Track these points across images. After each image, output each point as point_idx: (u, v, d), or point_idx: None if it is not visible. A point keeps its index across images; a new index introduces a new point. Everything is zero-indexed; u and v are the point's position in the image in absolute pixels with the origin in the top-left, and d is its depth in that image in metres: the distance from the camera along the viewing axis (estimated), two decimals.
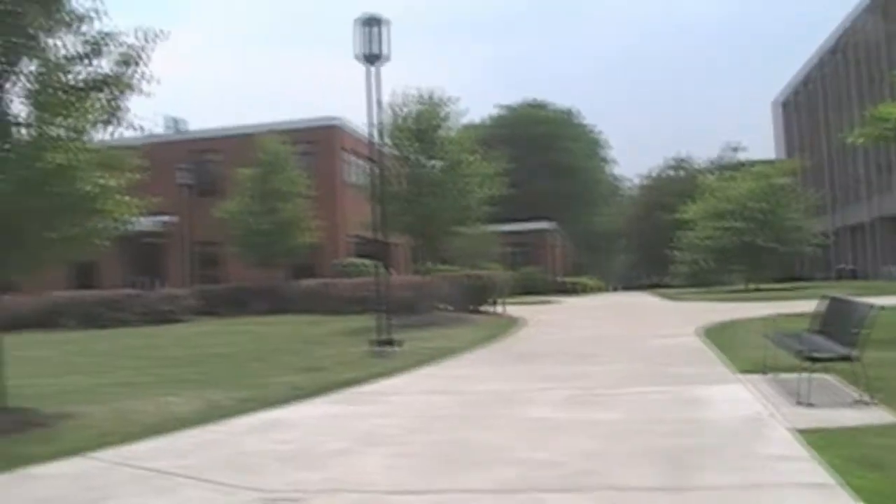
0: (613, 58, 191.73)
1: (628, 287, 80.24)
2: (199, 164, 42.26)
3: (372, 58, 17.87)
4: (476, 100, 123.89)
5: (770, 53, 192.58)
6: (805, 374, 10.12)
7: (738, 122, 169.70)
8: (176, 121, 45.46)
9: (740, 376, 12.26)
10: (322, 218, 35.94)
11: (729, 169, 64.50)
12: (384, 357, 16.70)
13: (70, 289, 36.68)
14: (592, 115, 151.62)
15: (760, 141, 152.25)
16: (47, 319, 31.16)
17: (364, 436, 9.31)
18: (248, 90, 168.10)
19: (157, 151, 41.40)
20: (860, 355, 9.95)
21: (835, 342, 10.74)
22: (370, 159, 21.67)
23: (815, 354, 10.23)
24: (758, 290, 43.99)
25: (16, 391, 13.18)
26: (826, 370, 11.18)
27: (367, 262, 34.16)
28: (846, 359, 10.15)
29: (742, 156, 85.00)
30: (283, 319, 29.51)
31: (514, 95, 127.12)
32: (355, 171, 41.87)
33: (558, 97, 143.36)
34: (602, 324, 25.91)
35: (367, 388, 13.03)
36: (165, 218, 41.20)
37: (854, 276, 64.94)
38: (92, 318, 30.64)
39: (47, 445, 9.13)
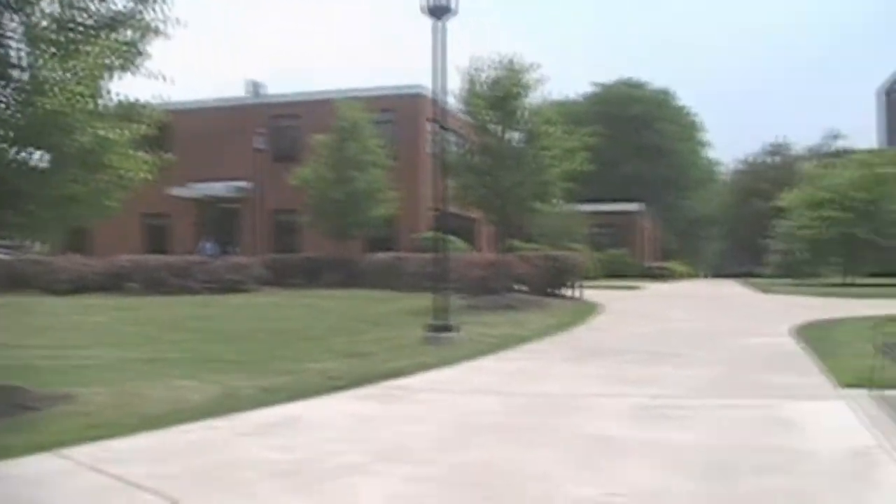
0: (715, 40, 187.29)
1: (718, 275, 77.72)
2: (276, 130, 41.15)
3: (438, 10, 16.07)
4: (568, 75, 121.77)
5: (875, 42, 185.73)
6: None
7: (839, 111, 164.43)
8: (256, 84, 44.43)
9: (842, 391, 10.45)
10: (402, 189, 34.55)
11: (829, 157, 61.75)
12: (438, 344, 15.10)
13: (143, 252, 36.14)
14: (690, 97, 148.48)
15: (863, 130, 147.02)
16: (112, 283, 30.61)
17: (386, 447, 7.79)
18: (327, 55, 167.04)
19: (234, 116, 40.77)
20: None
21: None
22: (441, 126, 19.88)
23: None
24: (855, 284, 41.50)
25: (34, 363, 12.10)
26: None
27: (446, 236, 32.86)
28: None
29: (842, 144, 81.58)
30: (351, 294, 28.21)
31: (609, 74, 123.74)
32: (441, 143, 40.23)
33: (657, 75, 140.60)
34: (685, 315, 23.92)
35: (408, 382, 11.50)
36: (241, 184, 40.32)
37: None
38: (156, 284, 29.78)
39: (26, 435, 7.94)
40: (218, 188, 40.65)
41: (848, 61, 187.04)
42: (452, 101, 24.57)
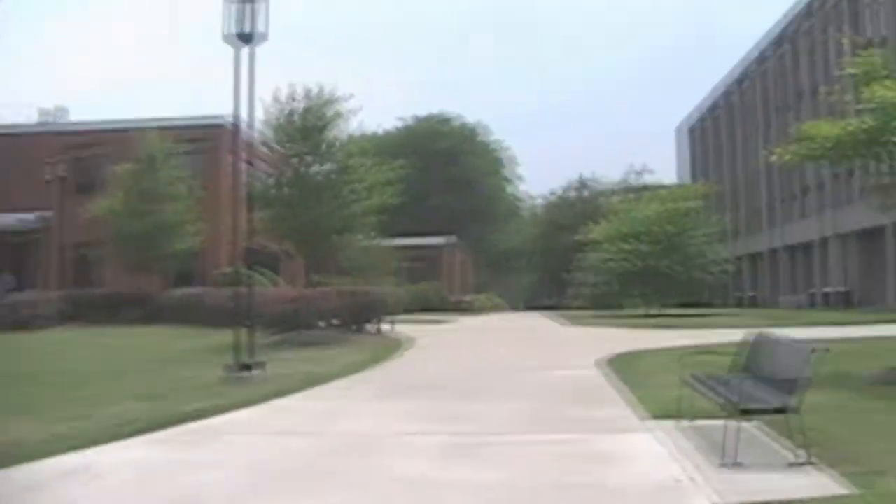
0: (526, 78, 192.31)
1: (529, 307, 79.04)
2: (78, 160, 39.14)
3: (241, 39, 15.48)
4: (378, 112, 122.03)
5: (677, 80, 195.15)
6: (731, 423, 8.33)
7: (645, 147, 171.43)
8: (53, 111, 42.30)
9: (651, 423, 10.41)
10: (207, 222, 33.47)
11: (634, 191, 64.03)
12: (240, 383, 14.38)
13: None
14: (500, 131, 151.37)
15: (664, 166, 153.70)
16: None
17: (177, 498, 7.16)
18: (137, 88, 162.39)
19: (26, 144, 38.65)
20: (799, 406, 8.23)
21: (767, 388, 8.99)
22: (246, 159, 19.22)
23: (749, 406, 8.46)
24: (658, 315, 42.88)
25: None
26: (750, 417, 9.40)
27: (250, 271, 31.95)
28: (782, 411, 8.43)
29: (647, 179, 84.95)
30: (152, 331, 27.01)
31: (421, 109, 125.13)
32: (245, 174, 39.20)
33: (467, 112, 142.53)
34: (496, 349, 23.97)
35: (207, 424, 10.77)
36: (32, 216, 38.14)
37: (754, 303, 64.81)
38: None
39: None
40: (7, 220, 38.25)
41: (650, 99, 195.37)
42: (260, 132, 23.97)
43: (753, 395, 8.79)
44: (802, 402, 8.18)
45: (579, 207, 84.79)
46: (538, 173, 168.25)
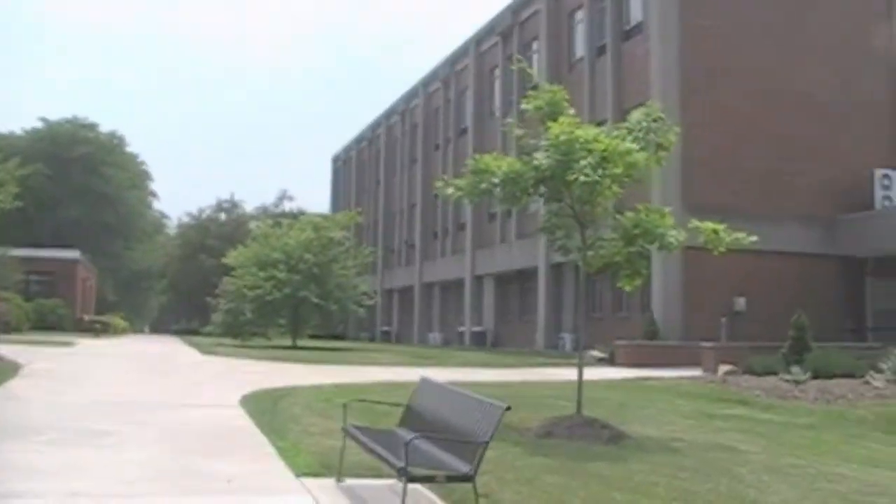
0: (184, 94, 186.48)
1: (161, 331, 75.50)
2: None
3: None
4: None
5: (331, 115, 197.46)
6: (400, 484, 7.03)
7: (300, 176, 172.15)
8: None
9: (306, 482, 8.72)
10: None
11: (280, 217, 62.79)
12: None
13: None
14: (143, 145, 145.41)
15: (319, 195, 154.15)
16: None
17: None
18: None
19: None
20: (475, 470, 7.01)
21: (441, 448, 7.61)
22: None
23: (421, 473, 7.06)
24: (300, 348, 41.51)
25: None
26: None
27: None
28: (460, 479, 7.07)
29: (295, 206, 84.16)
30: None
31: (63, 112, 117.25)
32: None
33: (116, 123, 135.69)
34: (121, 379, 21.26)
35: None
36: None
37: (394, 338, 65.17)
38: None
39: None
40: None
41: (307, 131, 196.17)
42: None
43: (425, 457, 7.43)
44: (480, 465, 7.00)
45: (223, 229, 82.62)
46: (181, 194, 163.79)
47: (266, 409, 14.65)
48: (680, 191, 31.90)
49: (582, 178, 12.34)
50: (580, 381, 13.53)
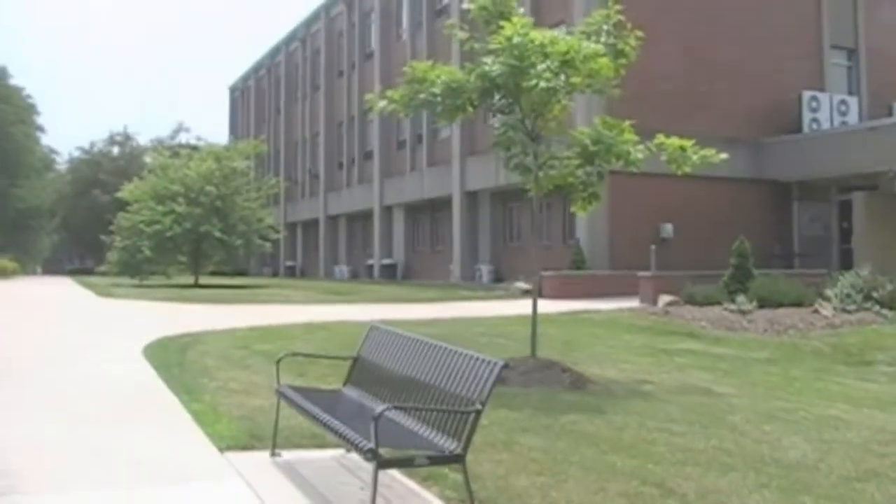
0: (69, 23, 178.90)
1: (52, 272, 72.19)
2: None
3: None
4: None
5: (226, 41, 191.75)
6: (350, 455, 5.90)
7: (198, 108, 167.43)
8: None
9: (234, 459, 6.98)
10: None
11: (178, 148, 59.95)
12: None
13: None
14: (30, 75, 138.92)
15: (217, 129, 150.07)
16: None
17: None
18: None
19: None
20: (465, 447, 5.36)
21: (419, 420, 5.94)
22: None
23: (397, 456, 5.48)
24: (203, 286, 39.44)
25: None
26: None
27: None
28: (445, 461, 5.45)
29: (193, 138, 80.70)
30: None
31: None
32: None
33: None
34: (7, 329, 18.99)
35: None
36: None
37: (299, 273, 63.21)
38: None
39: None
40: None
41: (201, 61, 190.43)
42: None
43: (393, 430, 5.81)
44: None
45: (116, 164, 79.25)
46: (78, 129, 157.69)
47: (174, 361, 12.72)
48: (602, 112, 30.28)
49: (543, 83, 10.63)
50: (535, 318, 11.94)
